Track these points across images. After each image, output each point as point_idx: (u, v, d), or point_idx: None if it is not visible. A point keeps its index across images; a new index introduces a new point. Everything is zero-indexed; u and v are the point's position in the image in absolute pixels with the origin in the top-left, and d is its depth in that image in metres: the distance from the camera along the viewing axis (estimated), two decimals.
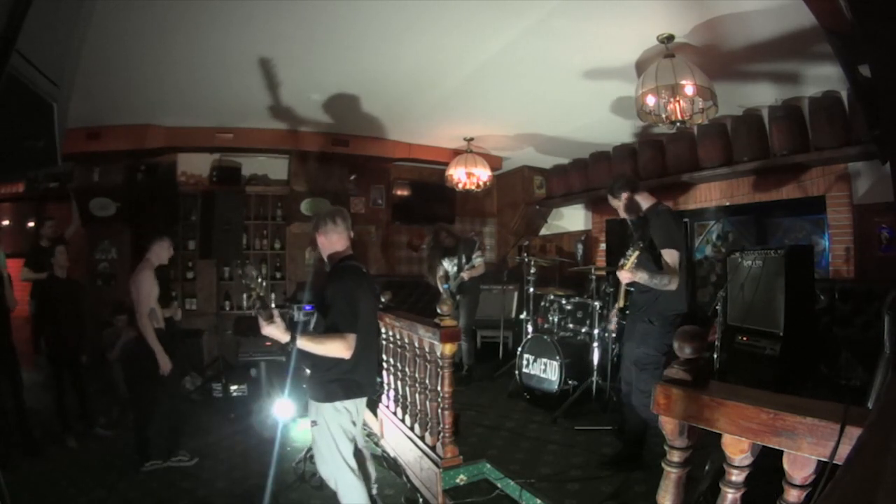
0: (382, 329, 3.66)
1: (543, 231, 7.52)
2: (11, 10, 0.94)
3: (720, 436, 1.21)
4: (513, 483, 2.80)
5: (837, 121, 3.85)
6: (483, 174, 5.86)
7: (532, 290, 5.05)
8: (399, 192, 7.24)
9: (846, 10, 1.38)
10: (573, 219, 7.11)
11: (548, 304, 4.88)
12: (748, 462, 1.19)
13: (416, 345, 3.20)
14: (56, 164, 1.18)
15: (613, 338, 4.15)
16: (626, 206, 3.02)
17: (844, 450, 0.95)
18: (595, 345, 4.12)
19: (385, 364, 3.74)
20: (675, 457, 1.33)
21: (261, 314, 2.06)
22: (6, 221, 6.33)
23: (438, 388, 2.95)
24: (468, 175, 5.81)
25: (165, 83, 4.20)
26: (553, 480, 2.82)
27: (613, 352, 4.15)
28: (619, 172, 5.19)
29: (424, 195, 7.23)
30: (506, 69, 3.85)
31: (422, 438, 3.18)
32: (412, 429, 3.32)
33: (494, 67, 3.81)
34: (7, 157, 1.13)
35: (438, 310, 2.93)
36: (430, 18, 3.13)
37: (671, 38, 3.21)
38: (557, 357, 4.01)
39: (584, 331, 4.44)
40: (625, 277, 2.71)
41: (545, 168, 7.06)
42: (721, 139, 4.72)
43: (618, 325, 3.50)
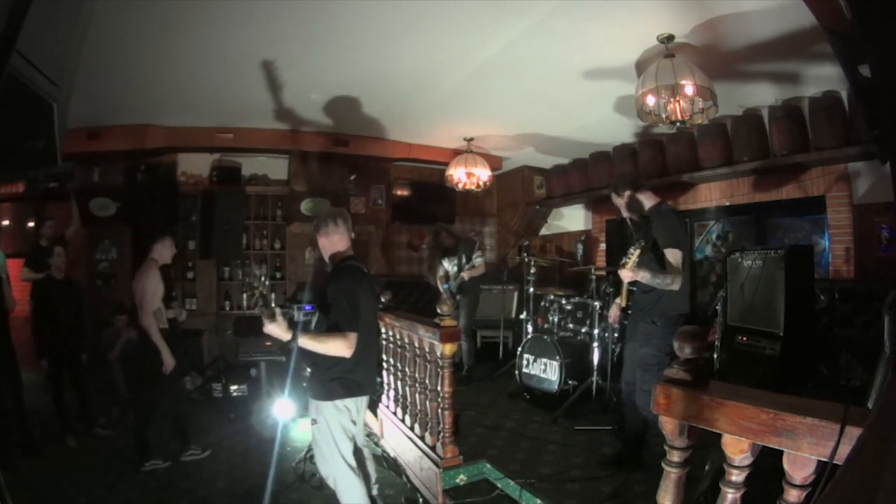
0: (382, 329, 3.65)
1: (543, 231, 7.52)
2: (11, 10, 0.94)
3: (720, 436, 1.21)
4: (513, 483, 2.80)
5: (837, 121, 3.85)
6: (483, 174, 5.86)
7: (532, 290, 5.05)
8: (399, 192, 7.24)
9: (846, 10, 1.37)
10: (573, 219, 7.11)
11: (548, 304, 4.88)
12: (748, 462, 1.19)
13: (416, 345, 3.20)
14: (56, 164, 1.18)
15: (615, 334, 4.15)
16: (629, 205, 3.01)
17: (844, 450, 0.95)
18: (595, 345, 4.12)
19: (385, 364, 3.74)
20: (675, 457, 1.33)
21: (263, 312, 2.11)
22: (6, 221, 6.31)
23: (438, 388, 2.95)
24: (468, 175, 5.81)
25: (165, 83, 4.21)
26: (553, 480, 2.82)
27: (614, 353, 4.15)
28: (624, 171, 5.20)
29: (424, 195, 7.22)
30: (506, 69, 3.85)
31: (422, 438, 3.18)
32: (412, 429, 3.31)
33: (494, 67, 3.81)
34: (7, 157, 1.13)
35: (438, 310, 2.93)
36: (430, 18, 3.13)
37: (671, 38, 3.21)
38: (557, 357, 4.01)
39: (584, 331, 4.44)
40: (626, 276, 2.70)
41: (545, 168, 7.06)
42: (721, 139, 4.72)
43: (619, 317, 3.49)
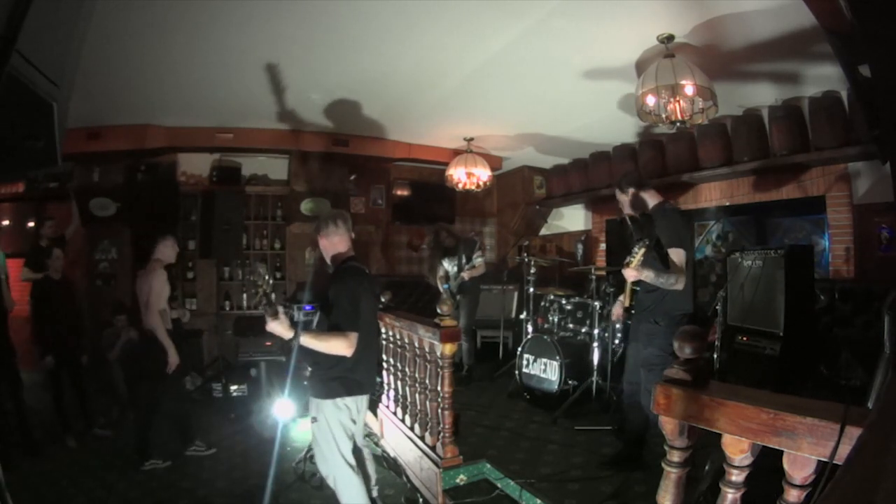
0: (382, 329, 3.65)
1: (543, 231, 7.52)
2: (11, 10, 0.94)
3: (720, 436, 1.21)
4: (513, 483, 2.80)
5: (837, 121, 3.85)
6: (483, 174, 5.86)
7: (532, 290, 5.05)
8: (399, 192, 7.24)
9: (846, 10, 1.38)
10: (573, 219, 7.11)
11: (548, 304, 4.88)
12: (748, 462, 1.19)
13: (417, 345, 3.20)
14: (56, 164, 1.18)
15: (616, 331, 4.14)
16: (632, 202, 3.01)
17: (844, 450, 0.95)
18: (595, 345, 4.12)
19: (385, 364, 3.74)
20: (675, 457, 1.33)
21: (267, 310, 2.12)
22: (6, 221, 6.31)
23: (438, 388, 2.95)
24: (468, 175, 5.81)
25: (165, 83, 4.20)
26: (553, 480, 2.82)
27: (616, 355, 4.14)
28: (629, 169, 5.20)
29: (424, 195, 7.22)
30: (506, 69, 3.85)
31: (422, 438, 3.18)
32: (412, 429, 3.31)
33: (494, 67, 3.81)
34: (7, 157, 1.13)
35: (438, 310, 2.93)
36: (430, 18, 3.13)
37: (671, 38, 3.21)
38: (557, 357, 4.01)
39: (584, 331, 4.44)
40: (630, 275, 2.70)
41: (545, 168, 7.06)
42: (721, 139, 4.72)
43: (622, 316, 3.47)
